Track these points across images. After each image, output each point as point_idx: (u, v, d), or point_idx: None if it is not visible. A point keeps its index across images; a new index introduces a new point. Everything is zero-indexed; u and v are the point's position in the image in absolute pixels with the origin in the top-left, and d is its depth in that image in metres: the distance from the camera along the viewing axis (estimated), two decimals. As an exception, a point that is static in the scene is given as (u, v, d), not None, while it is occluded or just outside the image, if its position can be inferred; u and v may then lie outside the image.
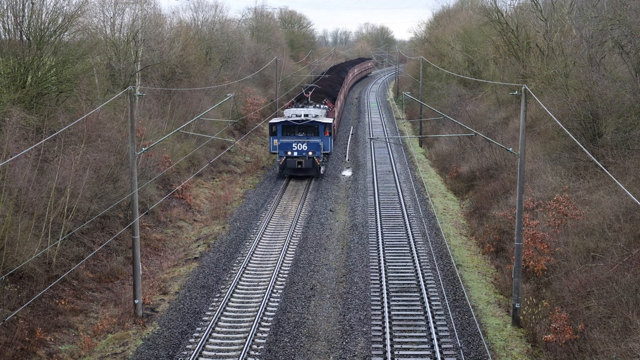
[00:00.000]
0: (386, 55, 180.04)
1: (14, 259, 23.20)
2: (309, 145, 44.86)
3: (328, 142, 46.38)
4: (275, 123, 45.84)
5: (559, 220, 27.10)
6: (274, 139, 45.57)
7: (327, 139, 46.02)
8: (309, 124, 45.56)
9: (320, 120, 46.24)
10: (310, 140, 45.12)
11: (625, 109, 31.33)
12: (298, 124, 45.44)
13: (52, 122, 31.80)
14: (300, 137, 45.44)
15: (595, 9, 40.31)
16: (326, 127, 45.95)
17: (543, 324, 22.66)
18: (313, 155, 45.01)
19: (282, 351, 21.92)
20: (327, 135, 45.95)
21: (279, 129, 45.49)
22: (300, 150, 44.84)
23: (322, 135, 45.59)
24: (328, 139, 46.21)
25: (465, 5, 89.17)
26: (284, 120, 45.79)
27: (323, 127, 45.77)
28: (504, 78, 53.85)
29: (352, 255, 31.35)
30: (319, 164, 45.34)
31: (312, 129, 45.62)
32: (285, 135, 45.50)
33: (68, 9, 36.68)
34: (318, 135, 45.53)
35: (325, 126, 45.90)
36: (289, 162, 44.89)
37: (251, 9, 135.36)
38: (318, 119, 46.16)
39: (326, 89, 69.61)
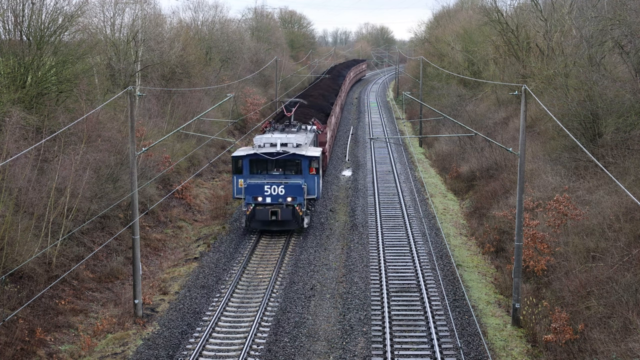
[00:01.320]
0: (386, 55, 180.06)
1: (14, 259, 23.19)
2: (288, 188, 32.57)
3: (314, 183, 33.41)
4: (241, 156, 33.18)
5: (559, 220, 27.09)
6: (239, 179, 33.02)
7: (312, 178, 33.38)
8: (287, 158, 33.18)
9: (304, 152, 33.55)
10: (289, 180, 32.89)
11: (625, 109, 31.32)
12: (272, 158, 32.99)
13: (52, 122, 31.81)
14: (275, 177, 33.13)
15: (595, 9, 40.31)
16: (312, 162, 33.33)
17: (543, 324, 22.65)
18: (293, 202, 32.66)
19: (282, 351, 21.92)
20: (313, 173, 33.38)
21: (245, 165, 33.08)
22: (275, 195, 32.58)
23: (306, 174, 33.17)
24: (314, 179, 33.42)
25: (465, 5, 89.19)
26: (253, 152, 33.10)
27: (307, 163, 33.17)
28: (504, 78, 53.86)
29: (352, 255, 31.35)
30: (302, 215, 32.90)
31: (292, 164, 33.37)
32: (254, 173, 33.16)
33: (68, 9, 36.73)
34: (300, 174, 33.21)
35: (310, 161, 33.29)
36: (260, 212, 32.43)
37: (251, 9, 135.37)
38: (301, 150, 33.64)
39: (317, 101, 58.63)
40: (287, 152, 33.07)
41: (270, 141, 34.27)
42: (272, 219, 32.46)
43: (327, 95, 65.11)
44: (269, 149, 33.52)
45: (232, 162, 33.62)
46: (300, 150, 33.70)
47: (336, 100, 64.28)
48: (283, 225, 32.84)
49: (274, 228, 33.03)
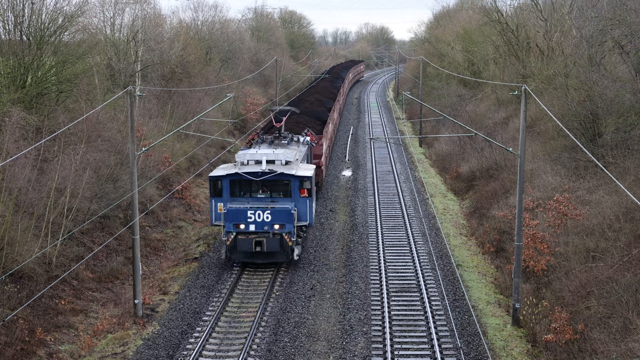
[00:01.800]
0: (386, 56, 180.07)
1: (14, 259, 23.20)
2: (275, 213, 28.00)
3: (306, 207, 29.01)
4: (220, 177, 28.86)
5: (559, 220, 27.10)
6: (218, 203, 28.67)
7: (304, 202, 28.94)
8: (274, 179, 28.67)
9: (294, 170, 29.07)
10: (276, 204, 28.48)
11: (625, 109, 31.33)
12: (257, 179, 28.66)
13: (52, 122, 31.80)
14: (260, 200, 28.76)
15: (595, 9, 40.31)
16: (303, 183, 28.90)
17: (543, 324, 22.65)
18: (281, 230, 28.08)
19: (282, 351, 21.92)
20: (305, 195, 28.92)
21: (225, 187, 28.73)
22: (260, 222, 27.99)
23: (297, 196, 28.81)
24: (306, 203, 28.97)
25: (465, 5, 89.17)
26: (234, 172, 28.72)
27: (298, 184, 28.75)
28: (504, 78, 53.87)
29: (352, 255, 31.35)
30: (291, 245, 28.45)
31: (280, 186, 28.94)
32: (236, 196, 28.82)
33: (68, 9, 36.73)
34: (289, 197, 28.79)
35: (301, 181, 28.84)
36: (242, 242, 27.98)
37: (251, 9, 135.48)
38: (291, 169, 29.08)
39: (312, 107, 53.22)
40: (274, 172, 28.37)
41: (254, 158, 29.40)
42: (257, 250, 27.88)
43: (323, 101, 59.06)
44: (252, 167, 28.93)
45: (210, 184, 29.02)
46: (289, 168, 29.01)
47: (334, 105, 58.85)
48: (269, 258, 28.42)
49: (259, 260, 28.59)
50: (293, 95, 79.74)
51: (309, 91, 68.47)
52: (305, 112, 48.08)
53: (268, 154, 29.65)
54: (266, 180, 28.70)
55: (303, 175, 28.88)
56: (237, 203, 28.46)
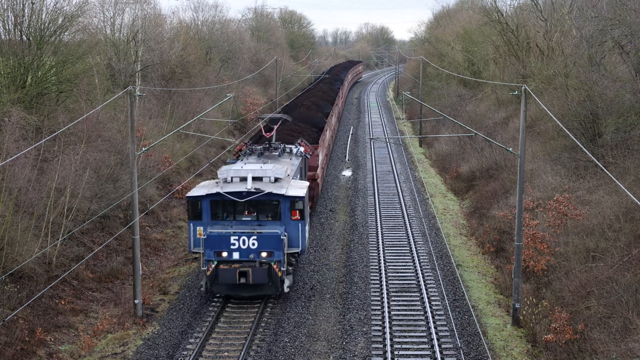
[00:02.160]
0: (386, 56, 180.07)
1: (14, 259, 23.20)
2: (262, 239, 24.44)
3: (298, 232, 25.22)
4: (199, 197, 25.15)
5: (559, 220, 27.10)
6: (197, 226, 24.95)
7: (295, 225, 25.15)
8: (261, 199, 24.96)
9: (284, 189, 25.33)
10: (264, 229, 24.80)
11: (625, 109, 31.34)
12: (241, 200, 24.81)
13: (52, 122, 31.81)
14: (245, 224, 25.01)
15: (595, 9, 40.32)
16: (295, 203, 25.14)
17: (543, 324, 22.65)
18: (269, 258, 24.51)
19: (282, 351, 21.92)
20: (297, 218, 25.17)
21: (205, 209, 25.08)
22: (244, 249, 24.46)
23: (287, 219, 25.12)
24: (298, 227, 25.16)
25: (465, 5, 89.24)
26: (215, 192, 24.96)
27: (289, 205, 25.04)
28: (504, 78, 53.87)
29: (352, 255, 31.35)
30: (281, 275, 24.74)
31: (268, 207, 25.20)
32: (217, 219, 25.11)
33: (68, 9, 36.74)
34: (279, 219, 25.12)
35: (293, 202, 25.10)
36: (224, 273, 24.40)
37: (251, 9, 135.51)
38: (281, 187, 25.38)
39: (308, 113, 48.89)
40: (260, 191, 24.68)
41: (239, 174, 25.67)
42: (241, 281, 24.23)
43: (321, 105, 54.82)
44: (237, 185, 25.20)
45: (187, 205, 25.12)
46: (279, 187, 25.33)
47: (332, 109, 54.60)
48: (255, 290, 24.82)
49: (244, 294, 25.01)
50: (293, 95, 79.72)
51: (306, 94, 64.76)
52: (300, 118, 44.30)
53: (255, 170, 25.77)
54: (252, 201, 24.86)
55: (294, 196, 24.98)
56: (219, 227, 24.72)
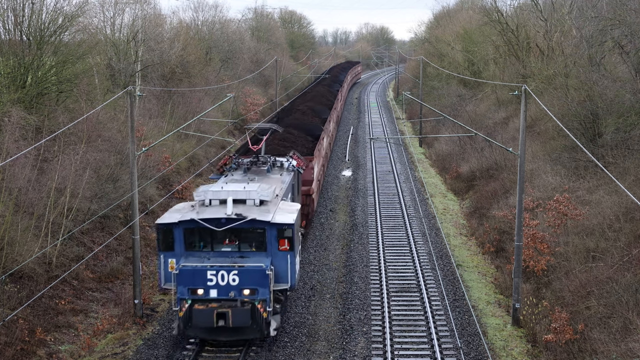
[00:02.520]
0: (386, 56, 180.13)
1: (14, 259, 23.20)
2: (245, 275, 20.53)
3: (287, 264, 21.36)
4: (171, 225, 21.20)
5: (559, 220, 27.10)
6: (169, 258, 21.21)
7: (284, 257, 21.31)
8: (243, 227, 20.98)
9: (271, 214, 21.41)
10: (246, 262, 20.99)
11: (625, 109, 31.35)
12: (219, 229, 20.91)
13: (52, 122, 31.82)
14: (225, 256, 21.25)
15: (595, 9, 40.34)
16: (283, 231, 21.22)
17: (543, 324, 22.66)
18: (252, 297, 20.66)
19: (282, 351, 21.92)
20: (286, 248, 21.28)
21: (178, 238, 21.19)
22: (224, 286, 20.61)
23: (274, 249, 21.25)
24: (287, 258, 21.33)
25: (465, 5, 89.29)
26: (189, 218, 21.06)
27: (275, 233, 21.13)
28: (504, 78, 53.89)
29: (352, 255, 31.35)
30: (266, 317, 20.90)
31: (251, 236, 21.27)
32: (192, 249, 21.27)
33: (68, 9, 36.76)
34: (264, 250, 21.25)
35: (280, 230, 21.19)
36: (200, 314, 20.58)
37: (251, 9, 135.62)
38: (266, 212, 21.51)
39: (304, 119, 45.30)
40: (242, 218, 20.71)
41: (218, 196, 21.66)
42: (220, 324, 20.40)
43: (318, 110, 50.55)
44: (215, 210, 21.25)
45: (157, 233, 21.18)
46: (265, 211, 21.36)
47: (330, 114, 50.53)
48: (236, 334, 20.86)
49: (222, 338, 21.12)
50: (293, 95, 79.68)
51: (302, 98, 60.35)
52: (295, 125, 40.73)
53: (237, 191, 21.84)
54: (233, 229, 20.82)
55: (283, 223, 20.90)
56: (194, 260, 20.88)
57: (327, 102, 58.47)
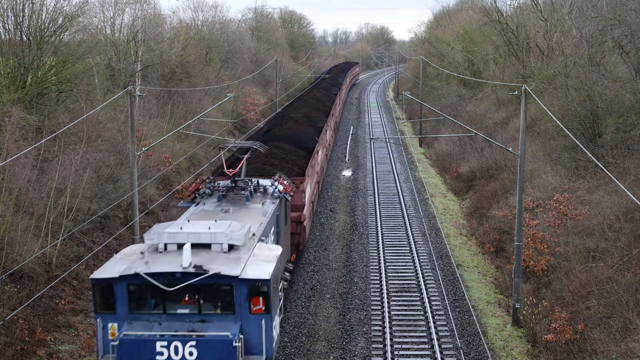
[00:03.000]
0: (386, 56, 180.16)
1: (14, 259, 23.20)
2: (204, 347, 15.37)
3: (261, 330, 16.08)
4: (110, 280, 16.07)
5: (559, 220, 27.11)
6: (109, 323, 16.18)
7: (257, 322, 16.06)
8: (205, 283, 15.83)
9: (239, 267, 16.16)
10: (208, 329, 15.78)
11: (625, 109, 31.36)
12: (170, 289, 15.76)
13: (52, 122, 31.82)
14: (179, 321, 16.04)
15: (595, 9, 40.35)
16: (256, 288, 15.99)
17: (543, 324, 22.66)
18: None
19: (282, 351, 21.92)
20: (260, 310, 16.06)
21: (120, 297, 16.10)
22: None
23: (244, 312, 16.04)
24: (261, 323, 16.05)
25: (465, 5, 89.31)
26: (133, 272, 15.91)
27: (245, 291, 15.94)
28: (504, 78, 53.91)
29: (352, 255, 31.35)
30: None
31: (215, 294, 16.09)
32: (139, 311, 16.17)
33: (68, 9, 36.79)
34: (232, 312, 16.04)
35: (252, 287, 15.96)
36: None
37: (251, 9, 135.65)
38: (234, 263, 16.36)
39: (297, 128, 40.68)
40: (203, 272, 15.61)
41: (176, 239, 16.75)
42: None
43: (313, 118, 45.79)
44: (169, 260, 16.20)
45: (93, 291, 16.22)
46: (234, 260, 16.33)
47: (327, 122, 46.37)
48: None
49: None
50: (293, 96, 79.66)
51: (296, 104, 54.95)
52: (286, 137, 35.95)
53: (199, 233, 16.79)
54: (189, 287, 15.64)
55: (256, 278, 15.71)
56: (141, 326, 15.84)
57: (324, 108, 53.32)
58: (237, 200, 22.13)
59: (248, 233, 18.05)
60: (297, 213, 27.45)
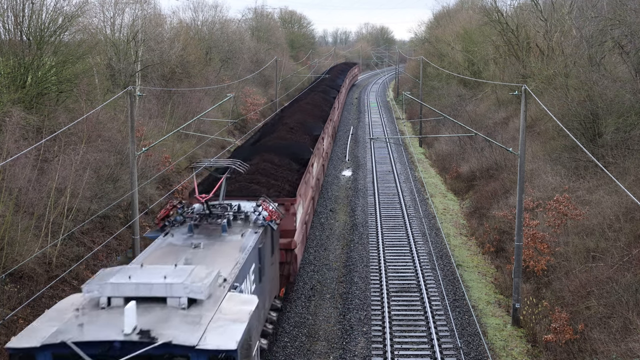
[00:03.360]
0: (386, 56, 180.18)
1: (14, 259, 23.21)
2: None
3: None
4: (32, 350, 11.46)
5: (559, 220, 27.11)
6: None
7: None
8: (153, 354, 11.27)
9: (197, 332, 11.96)
10: None
11: (625, 109, 31.36)
12: None
13: (52, 122, 31.82)
14: None
15: (595, 9, 40.36)
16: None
17: (543, 324, 22.66)
18: None
19: (282, 351, 21.92)
20: None
21: None
22: None
23: None
24: None
25: (465, 5, 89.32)
26: (59, 341, 11.47)
27: None
28: (504, 78, 53.91)
29: (352, 255, 31.35)
30: None
31: None
32: None
33: (68, 9, 36.79)
34: None
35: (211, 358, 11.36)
36: None
37: (251, 9, 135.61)
38: (193, 326, 12.16)
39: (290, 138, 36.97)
40: (150, 341, 11.61)
41: (122, 292, 13.05)
42: None
43: (309, 125, 42.01)
44: (111, 319, 12.42)
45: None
46: (193, 323, 12.46)
47: (324, 129, 42.87)
48: None
49: None
50: (293, 96, 79.64)
51: (292, 109, 51.20)
52: (277, 148, 32.39)
53: (152, 284, 13.07)
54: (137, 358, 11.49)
55: (218, 349, 11.75)
56: None
57: (321, 114, 49.48)
58: (211, 231, 18.38)
59: (216, 281, 14.21)
60: (287, 239, 23.97)
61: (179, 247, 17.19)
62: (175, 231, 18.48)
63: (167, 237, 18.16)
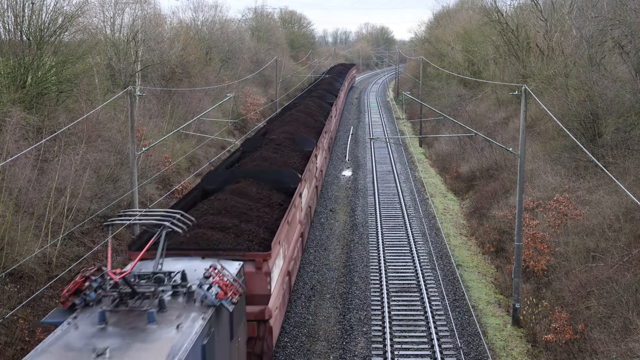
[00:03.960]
0: (386, 55, 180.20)
1: (14, 259, 23.21)
2: None
3: None
4: None
5: (559, 220, 27.11)
6: None
7: None
8: None
9: None
10: None
11: (625, 109, 31.37)
12: None
13: (52, 122, 31.83)
14: None
15: (595, 9, 40.36)
16: None
17: (543, 324, 22.66)
18: None
19: (282, 351, 21.92)
20: None
21: None
22: None
23: None
24: None
25: (465, 5, 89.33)
26: None
27: None
28: (504, 78, 53.92)
29: (352, 255, 31.35)
30: None
31: None
32: None
33: (68, 9, 36.81)
34: None
35: None
36: None
37: (251, 9, 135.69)
38: None
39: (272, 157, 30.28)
40: None
41: None
42: None
43: (300, 140, 35.70)
44: None
45: None
46: None
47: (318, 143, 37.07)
48: None
49: None
50: (293, 95, 79.58)
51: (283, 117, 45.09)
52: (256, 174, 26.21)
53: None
54: None
55: None
56: None
57: (316, 124, 43.59)
58: (131, 322, 11.82)
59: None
60: (259, 307, 17.56)
61: (77, 352, 10.82)
62: (83, 318, 12.11)
63: (70, 326, 11.81)
